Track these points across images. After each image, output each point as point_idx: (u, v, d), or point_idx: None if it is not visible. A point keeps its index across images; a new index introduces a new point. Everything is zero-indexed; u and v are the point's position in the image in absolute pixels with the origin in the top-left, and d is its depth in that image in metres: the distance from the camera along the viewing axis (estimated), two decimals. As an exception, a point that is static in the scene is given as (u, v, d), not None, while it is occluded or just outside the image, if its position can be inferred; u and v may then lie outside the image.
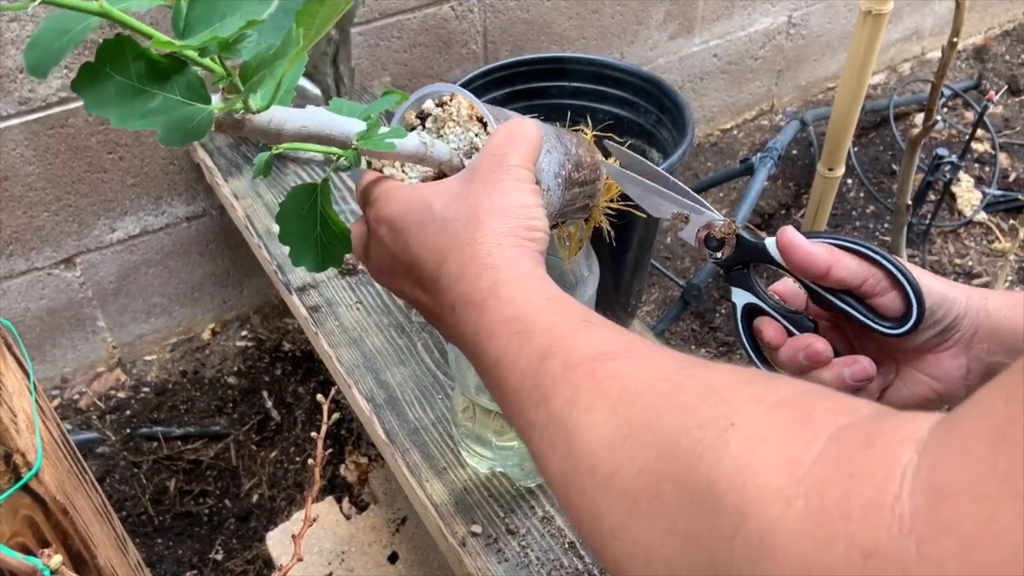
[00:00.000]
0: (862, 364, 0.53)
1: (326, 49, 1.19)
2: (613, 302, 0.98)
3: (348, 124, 0.49)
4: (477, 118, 0.54)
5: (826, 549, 0.25)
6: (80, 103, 1.23)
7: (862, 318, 0.53)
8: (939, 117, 1.96)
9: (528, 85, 1.05)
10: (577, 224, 0.67)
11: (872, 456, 0.26)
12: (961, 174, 1.88)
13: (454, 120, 0.54)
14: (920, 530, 0.23)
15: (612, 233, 0.67)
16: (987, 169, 1.92)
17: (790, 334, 0.56)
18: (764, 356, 0.58)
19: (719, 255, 0.59)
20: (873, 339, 0.54)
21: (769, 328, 0.56)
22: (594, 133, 0.64)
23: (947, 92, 2.04)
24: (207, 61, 0.42)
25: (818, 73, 2.10)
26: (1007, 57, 2.29)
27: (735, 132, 2.04)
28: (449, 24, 1.49)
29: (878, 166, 1.97)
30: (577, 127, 0.65)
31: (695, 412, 0.33)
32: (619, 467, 0.34)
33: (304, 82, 1.20)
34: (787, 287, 0.58)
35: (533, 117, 0.59)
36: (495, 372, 0.43)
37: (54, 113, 1.22)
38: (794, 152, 1.98)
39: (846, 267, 0.53)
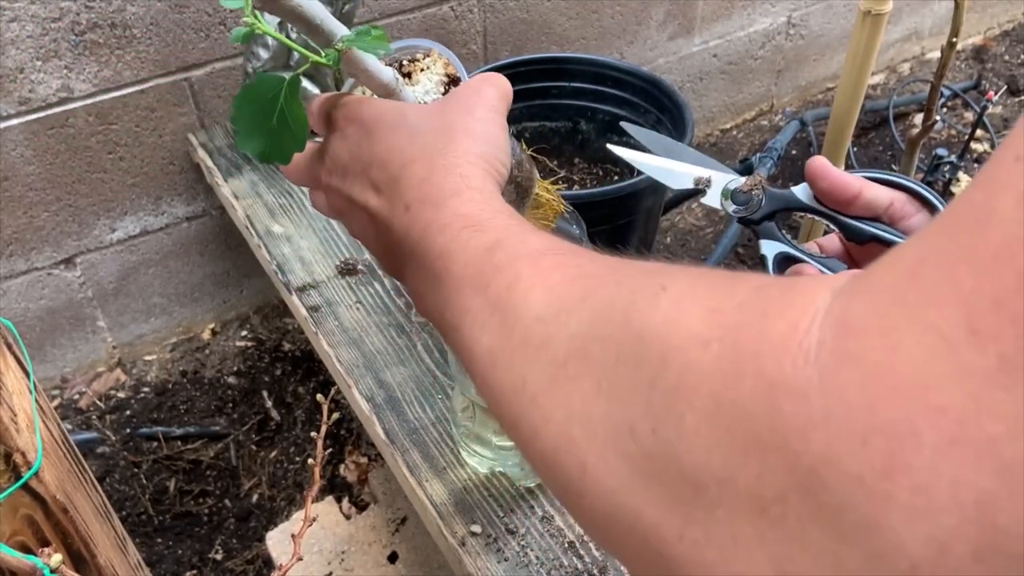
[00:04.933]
0: None
1: (326, 49, 1.18)
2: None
3: (338, 25, 0.49)
4: (451, 76, 0.54)
5: (734, 384, 0.25)
6: (79, 104, 1.23)
7: (898, 239, 0.54)
8: (938, 117, 1.96)
9: (528, 85, 1.05)
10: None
11: (789, 300, 0.26)
12: (960, 174, 1.88)
13: (427, 73, 0.54)
14: (824, 360, 0.23)
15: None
16: (987, 169, 1.92)
17: None
18: None
19: (747, 210, 0.59)
20: None
21: (807, 270, 0.56)
22: (530, 153, 0.65)
23: (946, 92, 2.04)
24: None
25: (818, 73, 2.10)
26: (1006, 57, 2.29)
27: (735, 132, 2.04)
28: (449, 24, 1.49)
29: (878, 166, 1.97)
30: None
31: (630, 284, 0.33)
32: (551, 336, 0.34)
33: (304, 82, 1.20)
34: (812, 248, 0.59)
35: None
36: (437, 264, 0.42)
37: (54, 113, 1.22)
38: (794, 152, 1.98)
39: (873, 188, 0.54)
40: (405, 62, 0.54)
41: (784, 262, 0.58)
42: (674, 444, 0.26)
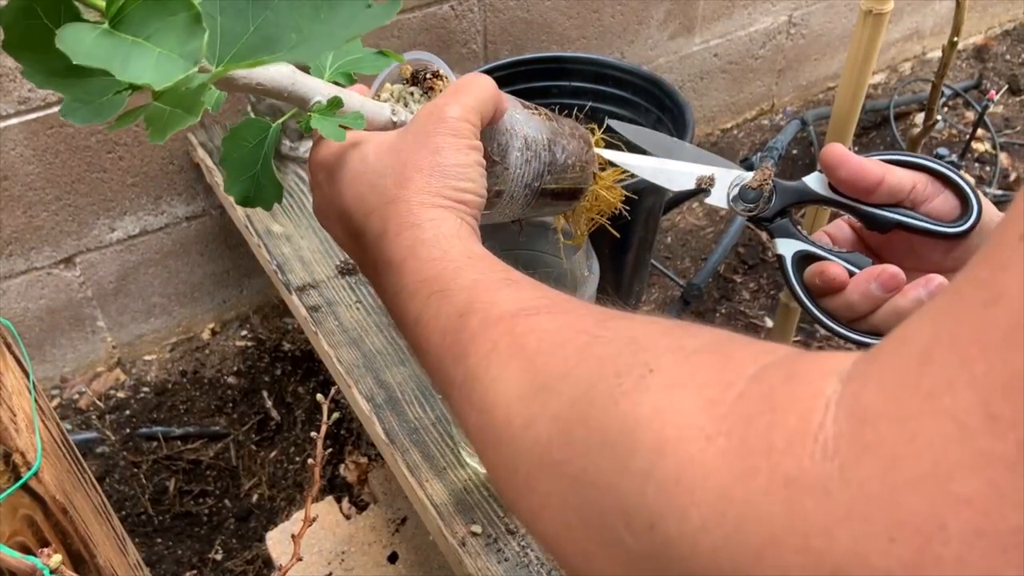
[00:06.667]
0: (936, 281, 0.51)
1: (326, 49, 1.18)
2: (613, 302, 0.98)
3: (312, 87, 0.47)
4: None
5: (745, 481, 0.24)
6: (80, 103, 1.23)
7: (925, 224, 0.52)
8: (939, 117, 1.96)
9: (528, 85, 1.05)
10: (577, 220, 0.67)
11: (795, 390, 0.25)
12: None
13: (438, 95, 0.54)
14: (843, 453, 0.22)
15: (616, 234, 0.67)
16: (987, 169, 1.92)
17: (850, 274, 0.53)
18: (819, 306, 0.55)
19: (757, 208, 0.56)
20: (924, 268, 0.53)
21: (831, 267, 0.53)
22: (601, 136, 0.64)
23: (947, 92, 2.04)
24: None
25: (818, 73, 2.10)
26: (1007, 57, 2.29)
27: (735, 132, 2.04)
28: (449, 24, 1.49)
29: (878, 166, 1.96)
30: (590, 126, 0.64)
31: (613, 361, 0.32)
32: (533, 417, 0.33)
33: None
34: (821, 238, 0.56)
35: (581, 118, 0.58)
36: (416, 332, 0.42)
37: (54, 113, 1.22)
38: (794, 152, 1.97)
39: (895, 173, 0.52)
40: (429, 75, 0.53)
41: (803, 260, 0.55)
42: (677, 542, 0.25)
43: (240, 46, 0.39)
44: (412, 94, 0.53)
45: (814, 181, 0.55)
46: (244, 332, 1.57)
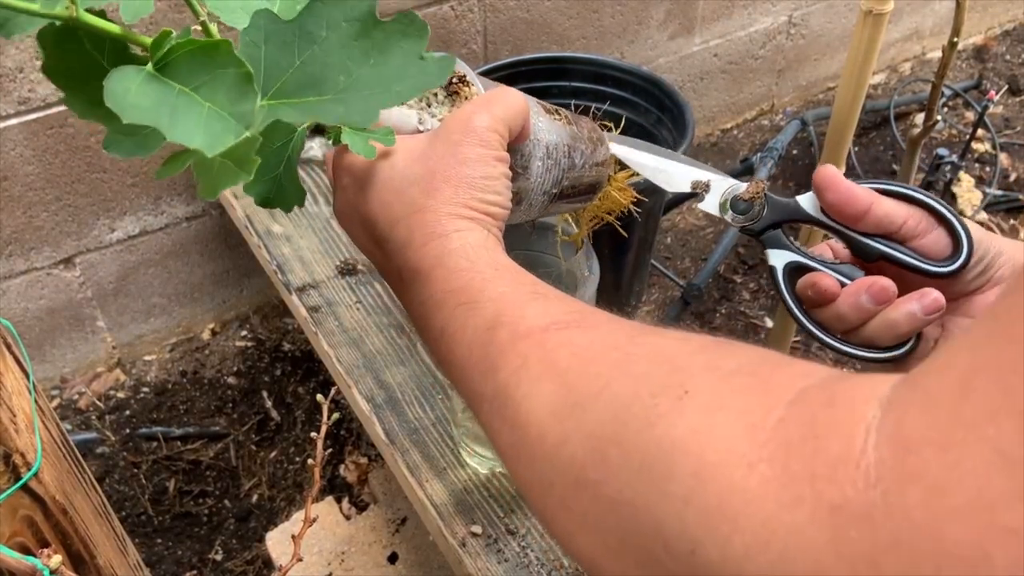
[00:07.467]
0: (932, 295, 0.50)
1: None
2: (613, 302, 0.98)
3: None
4: None
5: (791, 509, 0.24)
6: (80, 103, 1.23)
7: (911, 260, 0.51)
8: (939, 117, 1.96)
9: (528, 85, 1.05)
10: (583, 221, 0.67)
11: (836, 415, 0.25)
12: (961, 174, 1.88)
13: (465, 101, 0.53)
14: (887, 481, 0.23)
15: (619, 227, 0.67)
16: (987, 169, 1.92)
17: (842, 286, 0.53)
18: (811, 317, 0.54)
19: (748, 219, 0.56)
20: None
21: (823, 279, 0.53)
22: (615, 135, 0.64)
23: (947, 92, 2.04)
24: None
25: (818, 73, 2.10)
26: (1007, 57, 2.29)
27: (735, 132, 2.04)
28: (449, 24, 1.49)
29: (879, 166, 1.97)
30: (606, 125, 0.64)
31: (648, 381, 0.32)
32: (567, 435, 0.33)
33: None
34: (824, 250, 0.56)
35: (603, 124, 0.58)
36: (442, 343, 0.42)
37: (53, 113, 1.22)
38: (794, 152, 1.97)
39: (884, 204, 0.51)
40: (456, 79, 0.53)
41: (795, 272, 0.55)
42: (719, 568, 0.25)
43: (285, 79, 0.38)
44: (436, 95, 0.53)
45: (806, 201, 0.54)
46: (244, 332, 1.57)
